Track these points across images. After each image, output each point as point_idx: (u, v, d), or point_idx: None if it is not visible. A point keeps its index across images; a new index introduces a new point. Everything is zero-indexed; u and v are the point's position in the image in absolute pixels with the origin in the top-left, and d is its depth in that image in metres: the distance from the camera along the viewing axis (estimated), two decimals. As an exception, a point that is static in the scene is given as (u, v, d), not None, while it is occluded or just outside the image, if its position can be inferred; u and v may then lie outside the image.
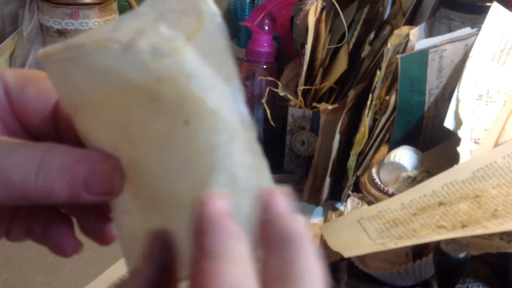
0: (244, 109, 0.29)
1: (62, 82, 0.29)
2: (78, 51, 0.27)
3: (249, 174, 0.28)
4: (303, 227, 0.27)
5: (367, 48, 0.81)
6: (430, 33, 0.77)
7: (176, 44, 0.26)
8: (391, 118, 0.73)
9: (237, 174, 0.27)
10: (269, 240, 0.26)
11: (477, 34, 0.70)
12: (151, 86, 0.26)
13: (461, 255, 0.50)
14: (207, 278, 0.24)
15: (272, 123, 0.83)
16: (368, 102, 0.73)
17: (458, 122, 0.67)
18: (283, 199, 0.27)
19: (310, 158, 0.81)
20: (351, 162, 0.75)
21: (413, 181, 0.68)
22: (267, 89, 0.82)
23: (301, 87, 0.80)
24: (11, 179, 0.28)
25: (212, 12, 0.28)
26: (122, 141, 0.28)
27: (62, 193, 0.28)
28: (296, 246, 0.26)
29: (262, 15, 0.83)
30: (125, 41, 0.26)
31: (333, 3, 0.83)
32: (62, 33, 0.94)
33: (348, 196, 0.72)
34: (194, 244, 0.25)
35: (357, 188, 0.74)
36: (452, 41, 0.71)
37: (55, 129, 0.32)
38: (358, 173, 0.76)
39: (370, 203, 0.68)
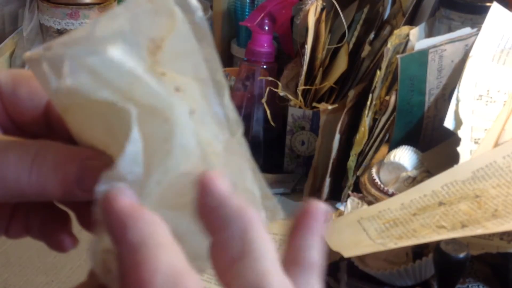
0: (220, 109, 0.29)
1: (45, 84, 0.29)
2: (54, 52, 0.28)
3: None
4: (246, 204, 0.27)
5: (367, 48, 0.81)
6: (430, 33, 0.77)
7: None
8: (391, 118, 0.73)
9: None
10: (218, 223, 0.26)
11: (477, 34, 0.70)
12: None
13: (461, 255, 0.50)
14: (138, 270, 0.24)
15: (272, 123, 0.83)
16: (368, 102, 0.73)
17: (458, 122, 0.67)
18: (220, 180, 0.27)
19: (310, 158, 0.81)
20: (351, 162, 0.75)
21: (413, 181, 0.68)
22: (267, 89, 0.82)
23: (301, 87, 0.80)
24: (5, 176, 0.28)
25: (192, 7, 0.28)
26: (109, 141, 0.29)
27: (56, 190, 0.28)
28: (250, 224, 0.27)
29: (262, 15, 0.83)
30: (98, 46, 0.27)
31: (333, 3, 0.83)
32: (62, 33, 0.94)
33: (348, 196, 0.72)
34: (114, 242, 0.25)
35: (357, 188, 0.74)
36: (452, 41, 0.71)
37: (48, 127, 0.33)
38: (358, 173, 0.76)
39: (370, 203, 0.68)
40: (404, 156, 0.70)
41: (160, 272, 0.24)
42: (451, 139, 0.68)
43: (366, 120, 0.73)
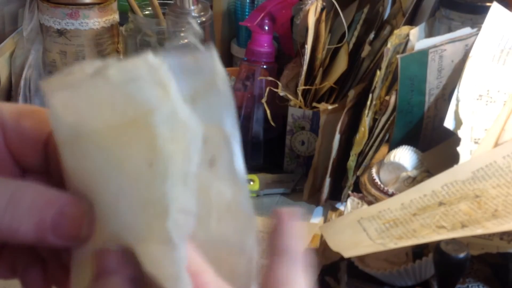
0: (241, 166, 0.30)
1: (58, 110, 0.29)
2: (75, 78, 0.28)
3: (186, 219, 0.28)
4: (301, 246, 0.31)
5: (367, 48, 0.81)
6: (430, 33, 0.77)
7: (159, 76, 0.28)
8: (391, 118, 0.73)
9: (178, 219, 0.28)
10: (276, 251, 0.31)
11: (477, 34, 0.70)
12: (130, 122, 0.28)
13: (461, 255, 0.50)
14: None
15: (272, 123, 0.83)
16: (368, 102, 0.73)
17: (458, 122, 0.67)
18: (293, 220, 0.32)
19: (310, 158, 0.81)
20: (351, 162, 0.75)
21: (413, 181, 0.68)
22: (267, 89, 0.82)
23: (301, 87, 0.80)
24: None
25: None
26: (95, 186, 0.28)
27: (29, 234, 0.28)
28: (297, 261, 0.31)
29: (262, 15, 0.83)
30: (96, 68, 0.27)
31: (333, 3, 0.83)
32: (62, 33, 0.94)
33: (348, 196, 0.72)
34: None
35: (357, 188, 0.74)
36: (452, 41, 0.71)
37: (45, 162, 0.32)
38: (358, 173, 0.76)
39: (370, 203, 0.68)
40: (404, 156, 0.70)
41: None
42: (451, 139, 0.68)
43: (366, 120, 0.73)
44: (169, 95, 0.27)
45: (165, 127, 0.27)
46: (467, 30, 0.71)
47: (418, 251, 0.59)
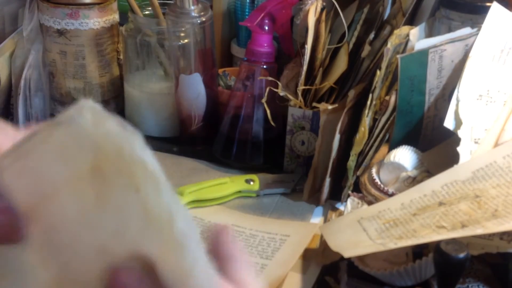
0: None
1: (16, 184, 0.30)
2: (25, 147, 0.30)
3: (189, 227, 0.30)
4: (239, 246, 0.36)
5: (367, 48, 0.81)
6: (430, 33, 0.77)
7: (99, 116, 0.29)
8: (391, 118, 0.73)
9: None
10: (226, 258, 0.35)
11: (477, 34, 0.70)
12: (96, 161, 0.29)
13: (461, 255, 0.50)
14: None
15: (272, 123, 0.83)
16: (368, 102, 0.73)
17: (458, 122, 0.67)
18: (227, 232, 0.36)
19: (310, 158, 0.81)
20: (351, 162, 0.75)
21: (413, 181, 0.68)
22: (267, 89, 0.82)
23: (301, 87, 0.80)
24: None
25: None
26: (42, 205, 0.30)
27: None
28: (239, 262, 0.35)
29: (262, 15, 0.83)
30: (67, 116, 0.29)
31: (333, 3, 0.83)
32: (62, 33, 0.94)
33: (348, 196, 0.72)
34: None
35: (357, 188, 0.74)
36: (452, 41, 0.71)
37: None
38: (358, 173, 0.76)
39: (370, 203, 0.68)
40: (404, 156, 0.70)
41: None
42: (451, 139, 0.68)
43: (366, 120, 0.73)
44: (112, 125, 0.29)
45: (136, 153, 0.29)
46: (467, 30, 0.71)
47: (418, 251, 0.59)
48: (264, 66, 0.84)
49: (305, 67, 0.80)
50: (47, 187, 0.30)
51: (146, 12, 0.95)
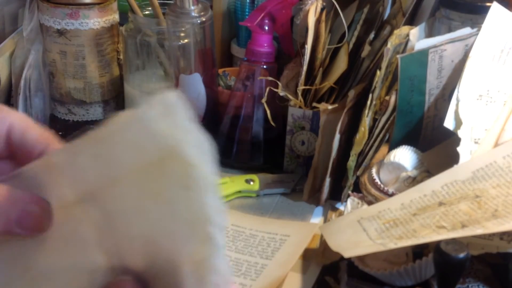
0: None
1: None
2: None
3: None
4: None
5: (367, 48, 0.81)
6: (430, 33, 0.77)
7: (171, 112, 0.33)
8: (391, 118, 0.73)
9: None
10: None
11: (477, 34, 0.70)
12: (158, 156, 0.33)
13: (461, 255, 0.50)
14: None
15: (272, 123, 0.83)
16: (368, 102, 0.73)
17: (458, 122, 0.67)
18: None
19: (310, 158, 0.81)
20: (351, 162, 0.75)
21: (413, 181, 0.68)
22: (267, 89, 0.82)
23: (301, 87, 0.80)
24: None
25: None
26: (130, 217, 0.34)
27: None
28: None
29: (262, 15, 0.83)
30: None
31: (333, 3, 0.83)
32: (62, 33, 0.94)
33: (348, 196, 0.72)
34: None
35: (357, 188, 0.74)
36: (452, 41, 0.71)
37: (8, 149, 0.38)
38: (358, 173, 0.76)
39: (370, 203, 0.68)
40: (404, 156, 0.70)
41: None
42: (451, 139, 0.68)
43: (366, 120, 0.73)
44: (185, 125, 0.33)
45: (193, 151, 0.32)
46: (467, 30, 0.71)
47: (418, 251, 0.59)
48: (264, 66, 0.84)
49: (305, 67, 0.80)
50: (115, 172, 0.33)
51: (146, 12, 0.95)
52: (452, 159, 0.65)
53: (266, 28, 0.84)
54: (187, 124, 0.33)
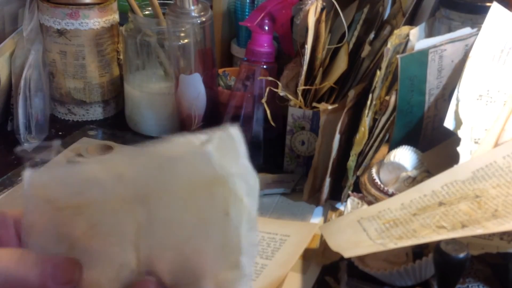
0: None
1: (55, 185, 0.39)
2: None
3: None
4: None
5: (367, 48, 0.81)
6: (430, 33, 0.77)
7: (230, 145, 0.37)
8: (391, 118, 0.73)
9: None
10: None
11: (477, 34, 0.70)
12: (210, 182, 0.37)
13: (461, 255, 0.50)
14: None
15: (272, 123, 0.83)
16: (368, 102, 0.73)
17: (458, 122, 0.67)
18: None
19: (310, 158, 0.81)
20: (351, 162, 0.75)
21: (413, 181, 0.68)
22: (267, 89, 0.82)
23: (301, 87, 0.80)
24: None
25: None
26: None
27: (35, 282, 0.39)
28: None
29: (262, 15, 0.83)
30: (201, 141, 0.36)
31: (333, 3, 0.83)
32: (62, 33, 0.94)
33: (348, 196, 0.72)
34: None
35: (357, 188, 0.74)
36: (452, 41, 0.71)
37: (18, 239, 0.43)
38: (358, 173, 0.76)
39: (370, 203, 0.68)
40: (404, 156, 0.70)
41: None
42: (451, 139, 0.68)
43: (366, 120, 0.73)
44: (240, 160, 0.37)
45: (241, 184, 0.36)
46: (467, 30, 0.71)
47: (418, 251, 0.59)
48: (264, 66, 0.84)
49: (305, 67, 0.80)
50: (169, 185, 0.37)
51: (146, 12, 0.95)
52: (452, 159, 0.65)
53: (266, 28, 0.84)
54: (241, 160, 0.37)
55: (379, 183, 0.70)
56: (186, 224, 0.37)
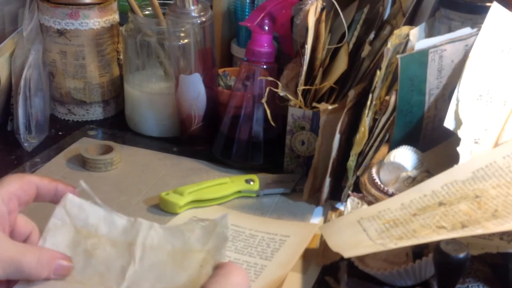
0: None
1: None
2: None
3: None
4: None
5: (367, 48, 0.81)
6: (430, 33, 0.77)
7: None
8: (391, 118, 0.73)
9: None
10: None
11: (477, 34, 0.70)
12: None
13: (461, 255, 0.50)
14: None
15: (272, 123, 0.83)
16: (368, 102, 0.73)
17: (458, 122, 0.67)
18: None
19: (310, 158, 0.81)
20: (351, 162, 0.75)
21: (413, 181, 0.68)
22: (267, 89, 0.82)
23: (301, 87, 0.80)
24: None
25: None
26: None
27: (43, 275, 0.51)
28: None
29: (262, 15, 0.83)
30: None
31: (333, 3, 0.83)
32: (62, 33, 0.94)
33: (348, 196, 0.72)
34: None
35: (357, 188, 0.74)
36: (452, 41, 0.71)
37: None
38: (358, 173, 0.76)
39: (370, 203, 0.68)
40: (404, 156, 0.70)
41: None
42: (451, 139, 0.68)
43: (366, 120, 0.73)
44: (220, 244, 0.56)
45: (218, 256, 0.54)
46: (467, 30, 0.71)
47: (418, 251, 0.59)
48: (264, 66, 0.84)
49: (305, 67, 0.80)
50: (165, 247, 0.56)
51: (146, 12, 0.95)
52: (452, 159, 0.65)
53: (266, 28, 0.84)
54: (220, 242, 0.55)
55: (379, 183, 0.70)
56: (165, 269, 0.53)
